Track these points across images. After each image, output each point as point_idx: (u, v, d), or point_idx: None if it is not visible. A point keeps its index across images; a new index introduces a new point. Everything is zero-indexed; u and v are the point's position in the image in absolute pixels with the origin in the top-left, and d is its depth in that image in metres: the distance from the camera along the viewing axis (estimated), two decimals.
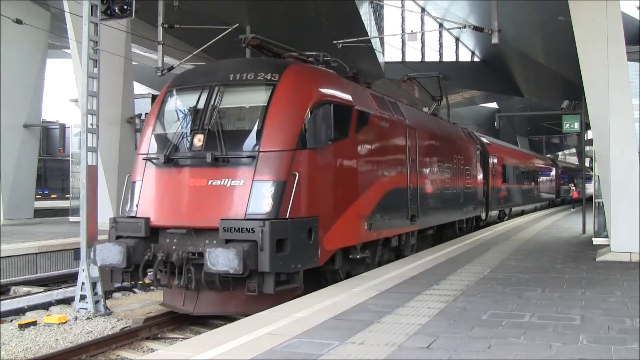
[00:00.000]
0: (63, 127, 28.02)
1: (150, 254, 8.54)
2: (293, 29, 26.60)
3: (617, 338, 5.80)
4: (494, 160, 24.25)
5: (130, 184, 9.26)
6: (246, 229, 7.96)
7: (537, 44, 34.58)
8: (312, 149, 8.90)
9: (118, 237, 8.82)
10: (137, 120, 21.40)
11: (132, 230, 8.73)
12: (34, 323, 9.47)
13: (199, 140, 8.78)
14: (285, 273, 8.26)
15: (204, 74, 9.82)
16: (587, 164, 30.08)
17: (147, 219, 8.70)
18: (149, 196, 8.96)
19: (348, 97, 10.16)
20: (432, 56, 45.64)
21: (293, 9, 25.44)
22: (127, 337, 8.57)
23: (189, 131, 8.99)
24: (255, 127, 8.75)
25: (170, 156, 8.85)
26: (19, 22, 15.48)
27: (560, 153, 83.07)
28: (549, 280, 9.39)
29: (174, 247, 8.49)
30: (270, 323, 6.44)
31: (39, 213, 26.64)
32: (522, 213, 31.75)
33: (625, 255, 11.70)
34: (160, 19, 16.50)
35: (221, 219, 8.15)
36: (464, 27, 17.92)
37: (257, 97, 9.09)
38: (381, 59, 34.21)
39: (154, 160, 9.02)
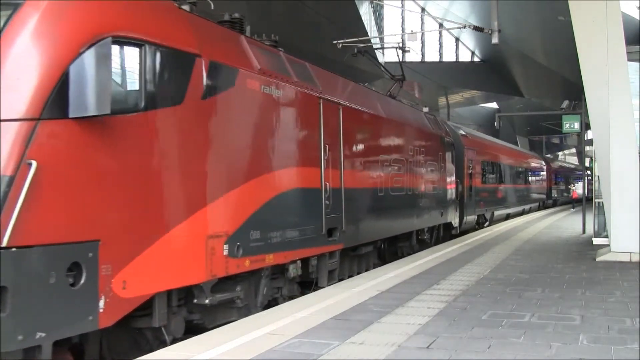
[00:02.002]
0: None
1: None
2: (293, 29, 26.62)
3: (617, 338, 5.79)
4: (471, 155, 20.98)
5: None
6: None
7: (537, 44, 34.63)
8: (84, 119, 5.08)
9: None
10: None
11: None
12: None
13: None
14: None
15: None
16: (587, 164, 30.07)
17: None
18: None
19: (188, 39, 6.44)
20: (432, 56, 45.69)
21: (293, 9, 25.47)
22: None
23: None
24: None
25: None
26: None
27: (560, 153, 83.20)
28: (549, 280, 9.38)
29: None
30: (270, 323, 6.43)
31: None
32: (507, 217, 28.12)
33: (625, 255, 11.70)
34: None
35: None
36: (464, 27, 17.95)
37: None
38: (381, 59, 34.22)
39: None
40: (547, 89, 42.81)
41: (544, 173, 40.97)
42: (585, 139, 26.47)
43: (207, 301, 6.60)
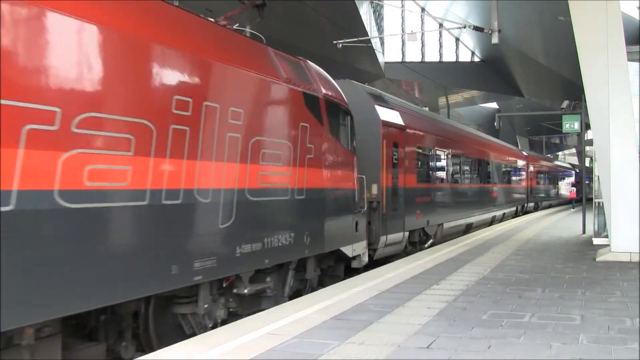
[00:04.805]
0: None
1: None
2: (293, 29, 26.62)
3: (617, 338, 5.80)
4: (397, 138, 13.52)
5: None
6: None
7: (537, 44, 34.63)
8: None
9: None
10: None
11: None
12: None
13: None
14: None
15: None
16: (587, 164, 30.03)
17: None
18: None
19: None
20: (432, 56, 45.70)
21: (293, 9, 25.47)
22: None
23: None
24: None
25: None
26: None
27: (560, 153, 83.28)
28: (549, 280, 9.38)
29: None
30: (270, 323, 6.43)
31: None
32: (468, 229, 20.40)
33: (625, 255, 11.70)
34: None
35: None
36: (464, 27, 17.97)
37: None
38: (381, 59, 34.24)
39: None
40: (547, 89, 42.81)
41: (523, 170, 32.91)
42: (585, 139, 26.47)
43: None
